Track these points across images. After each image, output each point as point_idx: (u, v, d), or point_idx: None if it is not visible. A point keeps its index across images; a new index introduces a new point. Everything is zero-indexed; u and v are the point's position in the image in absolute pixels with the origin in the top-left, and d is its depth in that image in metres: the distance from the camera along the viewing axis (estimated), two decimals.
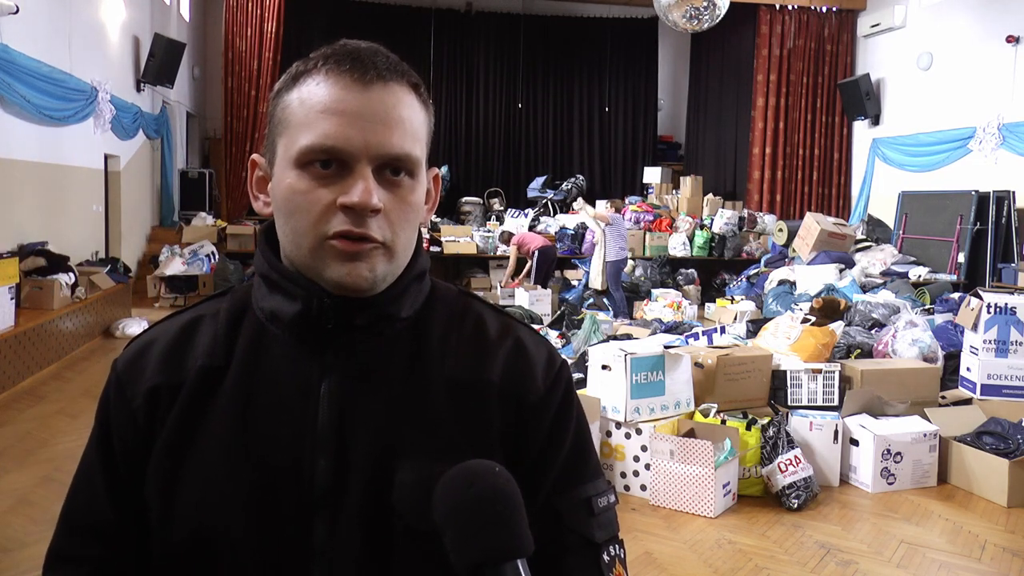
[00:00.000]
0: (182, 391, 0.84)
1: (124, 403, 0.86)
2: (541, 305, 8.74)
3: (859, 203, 12.34)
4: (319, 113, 0.79)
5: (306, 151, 0.79)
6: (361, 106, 0.79)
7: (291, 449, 0.82)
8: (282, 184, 0.82)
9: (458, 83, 14.89)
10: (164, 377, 0.85)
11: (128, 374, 0.87)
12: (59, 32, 7.41)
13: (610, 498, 0.88)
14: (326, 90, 0.79)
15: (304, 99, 0.80)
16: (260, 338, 0.86)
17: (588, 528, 0.85)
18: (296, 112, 0.81)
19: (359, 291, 0.81)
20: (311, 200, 0.79)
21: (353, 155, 0.78)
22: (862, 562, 3.37)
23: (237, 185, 12.13)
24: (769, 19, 12.99)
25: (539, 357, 0.90)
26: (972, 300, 4.87)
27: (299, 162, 0.80)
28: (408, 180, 0.82)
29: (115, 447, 0.86)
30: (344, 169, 0.79)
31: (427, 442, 0.82)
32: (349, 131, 0.78)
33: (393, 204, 0.81)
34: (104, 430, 0.88)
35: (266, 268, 0.86)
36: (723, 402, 4.31)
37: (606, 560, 0.85)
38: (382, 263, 0.81)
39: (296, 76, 0.83)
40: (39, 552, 3.29)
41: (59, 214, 7.56)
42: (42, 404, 5.40)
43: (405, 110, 0.81)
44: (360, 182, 0.78)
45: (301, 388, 0.83)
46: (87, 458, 0.89)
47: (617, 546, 0.87)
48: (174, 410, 0.84)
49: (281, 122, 0.83)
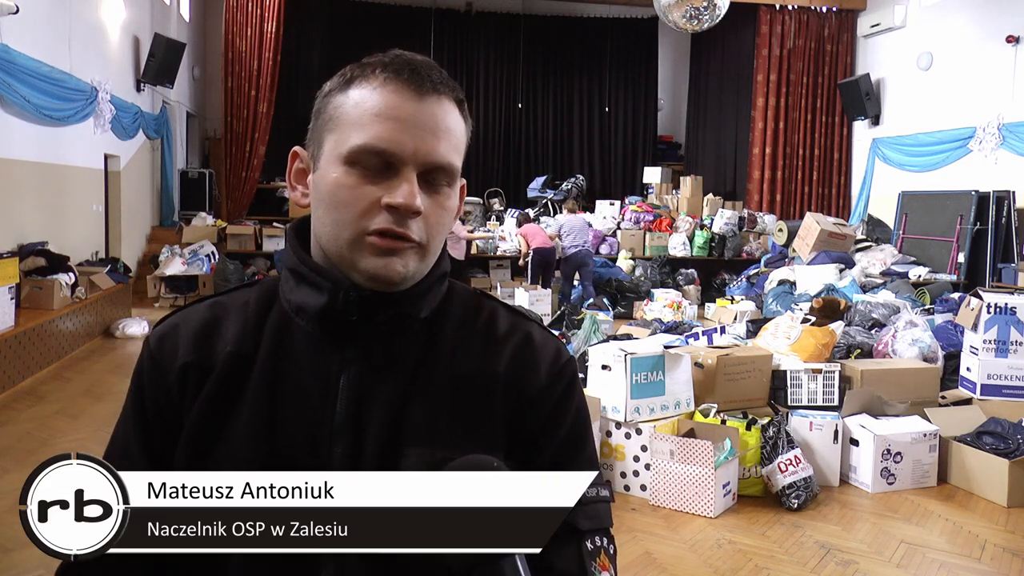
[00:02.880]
0: (212, 374, 0.89)
1: (160, 377, 0.91)
2: (541, 305, 8.75)
3: (859, 203, 12.34)
4: (374, 116, 0.84)
5: (358, 150, 0.83)
6: (415, 115, 0.84)
7: (310, 436, 0.86)
8: (328, 178, 0.86)
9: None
10: (195, 357, 0.90)
11: (161, 351, 0.92)
12: (59, 32, 7.41)
13: (600, 491, 0.89)
14: (382, 96, 0.84)
15: (359, 102, 0.85)
16: (286, 330, 0.91)
17: (572, 515, 0.85)
18: (350, 113, 0.85)
19: (390, 284, 0.85)
20: (357, 195, 0.84)
21: (402, 159, 0.83)
22: (862, 562, 3.37)
23: (237, 185, 12.13)
24: (769, 19, 12.98)
25: (546, 351, 0.94)
26: (972, 300, 4.87)
27: (349, 159, 0.84)
28: (446, 188, 0.88)
29: (149, 412, 0.91)
30: (391, 171, 0.84)
31: (435, 430, 0.86)
32: (401, 136, 0.83)
33: (431, 209, 0.86)
34: (139, 399, 0.92)
35: (295, 262, 0.90)
36: (723, 402, 4.31)
37: (589, 548, 0.86)
38: (414, 261, 0.86)
39: (351, 79, 0.87)
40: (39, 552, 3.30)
41: (59, 214, 7.56)
42: (42, 404, 5.40)
43: (452, 123, 0.88)
44: (406, 184, 0.83)
45: (322, 379, 0.88)
46: (123, 424, 0.93)
47: (604, 539, 0.88)
48: (203, 393, 0.88)
49: (332, 120, 0.87)
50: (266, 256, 10.71)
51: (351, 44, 12.31)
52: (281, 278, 0.94)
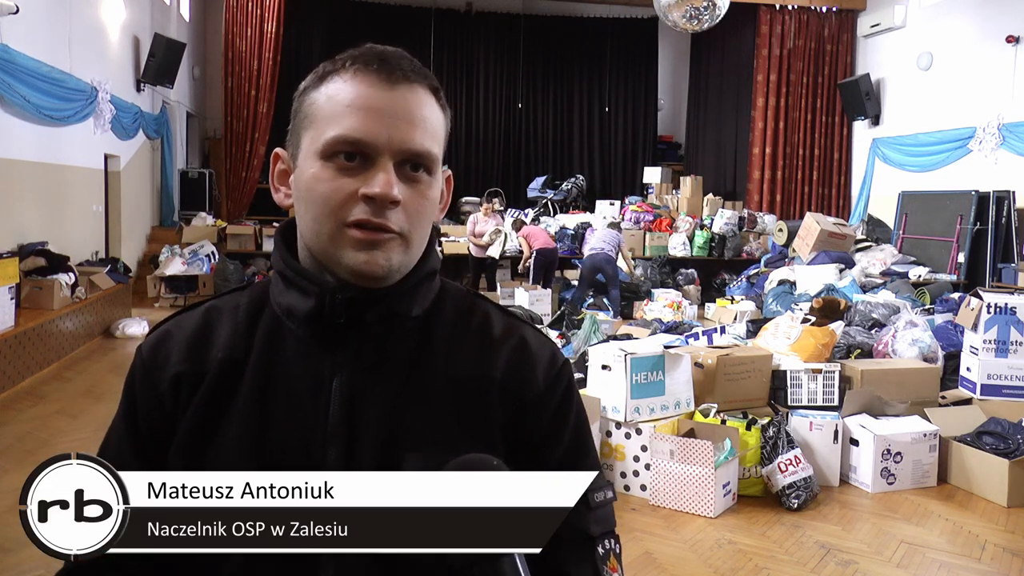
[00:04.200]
0: (204, 381, 0.88)
1: (151, 387, 0.90)
2: (541, 305, 8.75)
3: (859, 203, 12.35)
4: (346, 107, 0.83)
5: (332, 142, 0.83)
6: (387, 103, 0.83)
7: (303, 440, 0.85)
8: (306, 174, 0.85)
9: (458, 83, 14.88)
10: (188, 366, 0.89)
11: (153, 360, 0.91)
12: (59, 32, 7.41)
13: (607, 494, 0.90)
14: (354, 87, 0.84)
15: (331, 95, 0.85)
16: (277, 333, 0.90)
17: (584, 521, 0.87)
18: (323, 107, 0.85)
19: (375, 279, 0.84)
20: (334, 188, 0.83)
21: (377, 148, 0.83)
22: (862, 562, 3.37)
23: (237, 185, 12.13)
24: (769, 19, 12.99)
25: (542, 355, 0.93)
26: (972, 300, 4.87)
27: (324, 153, 0.83)
28: (426, 176, 0.86)
29: (141, 423, 0.91)
30: (367, 162, 0.83)
31: (432, 434, 0.85)
32: (374, 126, 0.82)
33: (411, 198, 0.85)
34: (131, 408, 0.91)
35: (282, 265, 0.90)
36: (723, 402, 4.31)
37: (600, 553, 0.87)
38: (398, 253, 0.85)
39: (323, 75, 0.87)
40: (39, 552, 3.30)
41: (59, 214, 7.56)
42: (42, 404, 5.40)
43: (427, 110, 0.86)
44: (382, 174, 0.82)
45: (314, 382, 0.87)
46: (115, 433, 0.92)
47: (612, 540, 0.89)
48: (196, 399, 0.88)
49: (307, 117, 0.87)
50: (266, 256, 10.70)
51: (351, 44, 11.95)
52: (271, 280, 0.93)
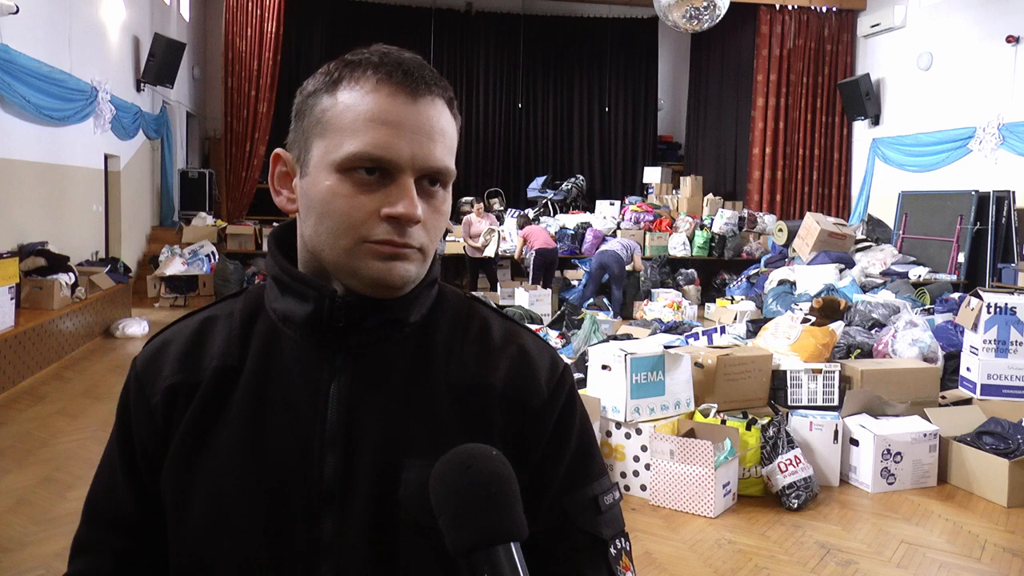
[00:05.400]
0: (199, 390, 0.87)
1: (143, 401, 0.89)
2: (541, 305, 8.75)
3: (859, 203, 12.35)
4: (368, 121, 0.80)
5: (353, 157, 0.80)
6: (410, 119, 0.81)
7: (301, 447, 0.84)
8: (319, 186, 0.82)
9: (458, 83, 14.87)
10: (182, 376, 0.88)
11: (147, 372, 0.90)
12: (59, 32, 7.41)
13: (615, 495, 0.91)
14: (376, 99, 0.80)
15: (350, 105, 0.81)
16: (273, 339, 0.88)
17: (596, 526, 0.87)
18: (341, 117, 0.81)
19: (392, 289, 0.83)
20: (353, 205, 0.80)
21: (400, 166, 0.80)
22: (862, 562, 3.37)
23: (237, 185, 12.13)
24: (769, 19, 12.99)
25: (542, 362, 0.92)
26: (972, 300, 4.87)
27: (342, 167, 0.80)
28: (441, 191, 0.85)
29: (135, 443, 0.89)
30: (387, 178, 0.81)
31: (432, 441, 0.84)
32: (398, 142, 0.80)
33: (429, 213, 0.83)
34: (124, 427, 0.91)
35: (277, 271, 0.88)
36: (723, 402, 4.31)
37: (613, 554, 0.87)
38: (416, 265, 0.83)
39: (338, 80, 0.83)
40: (39, 552, 3.30)
41: (59, 214, 7.56)
42: (42, 404, 5.40)
43: (446, 124, 0.84)
44: (405, 193, 0.80)
45: (311, 388, 0.85)
46: (109, 453, 0.92)
47: (623, 539, 0.90)
48: (191, 409, 0.87)
49: (320, 123, 0.83)
50: (265, 256, 10.71)
51: (351, 44, 11.96)
52: (266, 286, 0.91)
